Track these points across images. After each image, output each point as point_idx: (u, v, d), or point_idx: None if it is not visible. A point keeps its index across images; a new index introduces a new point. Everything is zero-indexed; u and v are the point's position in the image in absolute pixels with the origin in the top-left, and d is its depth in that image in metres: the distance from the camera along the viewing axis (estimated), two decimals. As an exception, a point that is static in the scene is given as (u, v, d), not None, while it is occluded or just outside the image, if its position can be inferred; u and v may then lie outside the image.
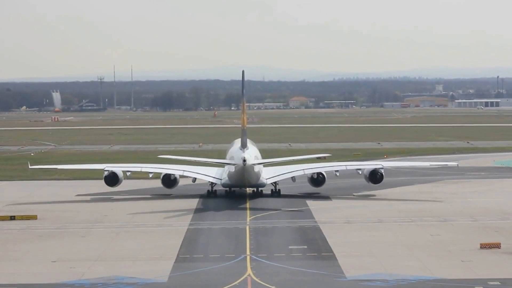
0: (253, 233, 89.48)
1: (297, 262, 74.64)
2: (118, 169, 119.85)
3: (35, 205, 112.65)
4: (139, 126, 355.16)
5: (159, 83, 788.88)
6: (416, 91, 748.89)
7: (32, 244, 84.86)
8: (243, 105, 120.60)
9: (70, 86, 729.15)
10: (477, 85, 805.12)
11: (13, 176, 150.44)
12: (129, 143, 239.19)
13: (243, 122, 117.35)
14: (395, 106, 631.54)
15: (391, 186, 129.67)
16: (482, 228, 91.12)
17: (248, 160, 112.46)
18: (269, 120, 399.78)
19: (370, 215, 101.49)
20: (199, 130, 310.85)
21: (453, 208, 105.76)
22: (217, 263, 74.62)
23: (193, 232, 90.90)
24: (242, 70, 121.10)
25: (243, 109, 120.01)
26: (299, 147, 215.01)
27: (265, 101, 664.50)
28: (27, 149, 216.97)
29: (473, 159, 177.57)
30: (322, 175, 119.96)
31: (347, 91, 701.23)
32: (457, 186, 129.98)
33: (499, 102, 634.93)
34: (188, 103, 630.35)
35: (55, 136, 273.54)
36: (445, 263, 73.63)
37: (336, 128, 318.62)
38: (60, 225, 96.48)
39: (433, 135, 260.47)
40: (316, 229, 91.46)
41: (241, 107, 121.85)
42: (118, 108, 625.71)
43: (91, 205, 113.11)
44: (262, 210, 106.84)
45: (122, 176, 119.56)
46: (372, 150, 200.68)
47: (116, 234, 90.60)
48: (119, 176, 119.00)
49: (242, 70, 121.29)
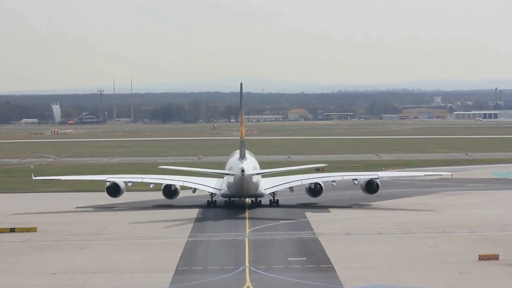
0: (252, 245, 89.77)
1: (296, 274, 74.92)
2: (119, 180, 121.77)
3: (35, 217, 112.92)
4: (139, 138, 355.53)
5: (158, 96, 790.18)
6: (415, 103, 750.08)
7: (32, 256, 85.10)
8: (241, 117, 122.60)
9: (70, 99, 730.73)
10: (475, 97, 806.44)
11: (13, 188, 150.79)
12: (128, 155, 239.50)
13: (241, 134, 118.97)
14: (393, 118, 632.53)
15: (390, 198, 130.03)
16: (480, 239, 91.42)
17: (246, 171, 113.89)
18: (268, 132, 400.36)
19: (369, 227, 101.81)
20: (199, 142, 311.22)
21: (452, 220, 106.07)
22: (216, 275, 74.88)
23: (192, 244, 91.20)
24: (240, 83, 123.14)
25: (241, 121, 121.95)
26: (298, 159, 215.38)
27: (264, 113, 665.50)
28: (26, 161, 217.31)
29: (472, 170, 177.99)
30: (320, 186, 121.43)
31: (346, 103, 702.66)
32: (456, 198, 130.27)
33: (497, 114, 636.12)
34: (188, 115, 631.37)
35: (55, 149, 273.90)
36: (444, 274, 73.91)
37: (335, 140, 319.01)
38: (60, 237, 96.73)
39: (432, 146, 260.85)
40: (315, 241, 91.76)
41: (240, 119, 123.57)
42: (117, 120, 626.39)
43: (91, 217, 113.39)
44: (261, 221, 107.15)
45: (123, 186, 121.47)
46: (371, 162, 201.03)
47: (115, 246, 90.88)
48: (120, 187, 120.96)
49: (240, 82, 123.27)
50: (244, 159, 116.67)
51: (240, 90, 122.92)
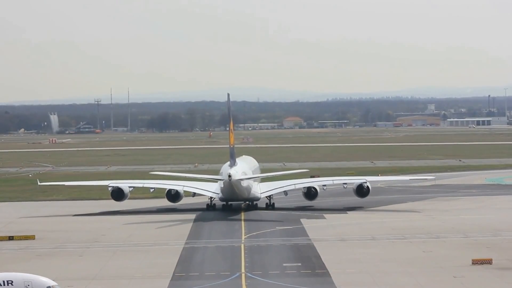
0: (248, 251, 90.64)
1: (291, 279, 75.65)
2: (122, 185, 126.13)
3: (33, 225, 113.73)
4: (136, 147, 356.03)
5: (155, 105, 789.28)
6: (409, 110, 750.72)
7: (30, 263, 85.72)
8: (230, 125, 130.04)
9: (68, 109, 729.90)
10: (468, 104, 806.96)
11: (11, 197, 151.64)
12: (125, 164, 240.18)
13: (230, 141, 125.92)
14: (387, 125, 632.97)
15: (384, 203, 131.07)
16: (474, 244, 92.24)
17: (233, 176, 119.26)
18: (264, 140, 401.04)
19: (363, 232, 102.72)
20: (195, 151, 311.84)
21: (445, 225, 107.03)
22: (213, 281, 75.59)
23: (189, 250, 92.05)
24: (227, 93, 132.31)
25: (230, 129, 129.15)
26: (293, 166, 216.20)
27: (260, 122, 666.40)
28: (25, 170, 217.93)
29: (465, 176, 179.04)
30: (315, 189, 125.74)
31: (340, 111, 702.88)
32: (449, 203, 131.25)
33: (490, 121, 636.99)
34: (184, 124, 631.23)
35: (53, 158, 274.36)
36: (438, 279, 74.66)
37: (330, 147, 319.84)
38: (57, 245, 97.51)
39: (426, 153, 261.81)
40: (310, 247, 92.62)
41: (229, 127, 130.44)
42: (115, 129, 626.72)
43: (89, 225, 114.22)
44: (257, 227, 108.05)
45: (128, 191, 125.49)
46: (366, 168, 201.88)
47: (113, 253, 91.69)
48: (124, 192, 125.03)
49: (227, 93, 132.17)
50: (234, 164, 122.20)
51: (228, 100, 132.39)
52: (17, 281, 55.73)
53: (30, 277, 56.40)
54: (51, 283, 57.01)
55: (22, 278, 56.02)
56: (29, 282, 55.78)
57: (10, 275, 56.71)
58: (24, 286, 55.58)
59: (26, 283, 55.72)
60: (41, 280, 56.64)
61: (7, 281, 55.61)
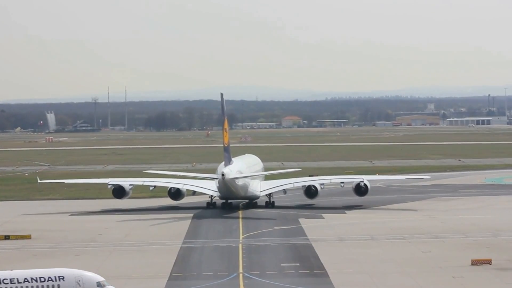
0: (246, 251, 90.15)
1: (289, 279, 75.29)
2: (123, 183, 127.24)
3: (29, 224, 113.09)
4: (133, 146, 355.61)
5: (153, 104, 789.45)
6: (408, 110, 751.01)
7: (26, 263, 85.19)
8: (225, 124, 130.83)
9: (65, 107, 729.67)
10: (468, 104, 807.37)
11: (7, 196, 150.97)
12: (123, 163, 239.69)
13: (224, 140, 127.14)
14: (387, 124, 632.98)
15: (383, 203, 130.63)
16: (473, 244, 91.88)
17: (227, 175, 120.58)
18: (262, 139, 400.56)
19: (362, 232, 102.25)
20: (193, 150, 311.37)
21: (445, 225, 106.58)
22: (210, 281, 75.21)
23: (186, 250, 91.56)
24: (221, 93, 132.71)
25: (224, 128, 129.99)
26: (291, 165, 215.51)
27: (258, 121, 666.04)
28: (21, 169, 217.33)
29: (464, 176, 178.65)
30: (315, 188, 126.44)
31: (339, 110, 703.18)
32: (449, 203, 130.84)
33: (490, 120, 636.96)
34: (182, 123, 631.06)
35: (50, 157, 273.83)
36: (437, 279, 74.35)
37: (329, 146, 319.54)
38: (54, 244, 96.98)
39: (425, 153, 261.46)
40: (308, 247, 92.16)
41: (223, 126, 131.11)
42: (112, 128, 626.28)
43: (85, 224, 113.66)
44: (255, 226, 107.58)
45: (128, 189, 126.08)
46: (364, 168, 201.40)
47: (110, 252, 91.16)
48: (126, 189, 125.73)
49: (221, 93, 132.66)
50: (229, 163, 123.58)
51: (221, 99, 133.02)
52: (68, 276, 58.03)
53: (80, 273, 58.87)
54: (100, 278, 59.19)
55: (73, 274, 58.45)
56: (79, 278, 58.04)
57: (62, 270, 59.08)
58: (75, 281, 57.89)
59: (77, 278, 57.98)
60: (91, 276, 58.89)
61: (58, 276, 57.98)
